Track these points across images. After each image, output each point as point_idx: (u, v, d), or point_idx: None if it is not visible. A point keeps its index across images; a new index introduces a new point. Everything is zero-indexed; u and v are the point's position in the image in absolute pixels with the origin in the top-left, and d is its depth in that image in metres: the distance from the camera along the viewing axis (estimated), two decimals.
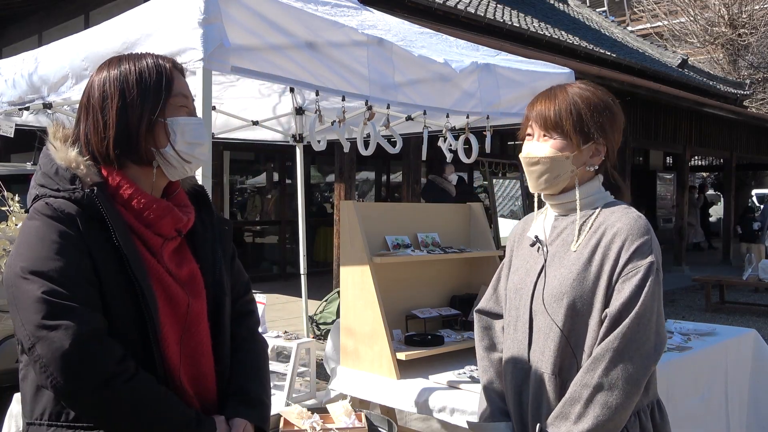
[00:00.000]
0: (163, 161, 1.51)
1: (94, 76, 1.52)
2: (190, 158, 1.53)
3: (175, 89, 1.52)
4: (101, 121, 1.47)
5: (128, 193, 1.48)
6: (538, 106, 1.76)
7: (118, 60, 1.53)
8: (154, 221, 1.49)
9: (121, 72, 1.49)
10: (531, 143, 1.77)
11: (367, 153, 3.62)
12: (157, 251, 1.50)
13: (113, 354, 1.35)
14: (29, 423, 1.46)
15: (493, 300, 1.98)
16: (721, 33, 22.05)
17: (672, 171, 19.00)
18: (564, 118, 1.70)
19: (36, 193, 1.46)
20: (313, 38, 2.67)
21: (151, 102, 1.48)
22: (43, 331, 1.31)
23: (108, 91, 1.48)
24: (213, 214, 1.69)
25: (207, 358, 1.55)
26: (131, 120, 1.47)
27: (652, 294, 1.60)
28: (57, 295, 1.32)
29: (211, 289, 1.58)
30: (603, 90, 1.79)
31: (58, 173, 1.45)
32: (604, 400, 1.57)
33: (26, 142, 6.15)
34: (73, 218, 1.40)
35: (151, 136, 1.48)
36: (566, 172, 1.72)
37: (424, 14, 9.63)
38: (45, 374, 1.32)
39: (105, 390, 1.33)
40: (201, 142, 1.55)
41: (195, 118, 1.56)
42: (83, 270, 1.37)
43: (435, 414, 2.68)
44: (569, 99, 1.73)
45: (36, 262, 1.35)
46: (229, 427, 1.52)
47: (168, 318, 1.47)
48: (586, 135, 1.71)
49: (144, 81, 1.48)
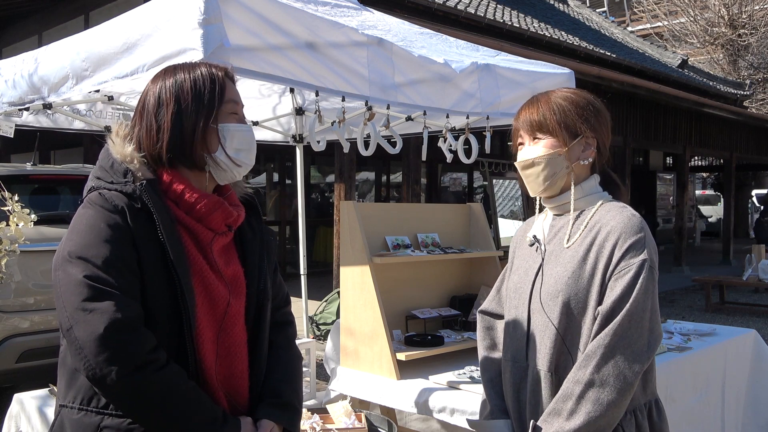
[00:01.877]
0: (214, 165, 1.57)
1: (150, 84, 1.59)
2: (241, 162, 1.59)
3: (226, 96, 1.58)
4: (155, 125, 1.53)
5: (180, 189, 1.53)
6: (522, 115, 1.81)
7: (174, 69, 1.59)
8: (205, 215, 1.54)
9: (176, 80, 1.56)
10: (523, 149, 1.81)
11: (367, 153, 3.62)
12: (206, 246, 1.55)
13: (146, 343, 1.39)
14: (62, 405, 1.50)
15: (495, 301, 2.00)
16: (721, 33, 22.06)
17: (672, 171, 19.01)
18: (548, 118, 1.75)
19: (92, 184, 1.53)
20: (313, 39, 2.67)
21: (206, 109, 1.54)
22: (81, 314, 1.36)
23: (164, 97, 1.54)
24: (261, 222, 1.75)
25: (241, 359, 1.59)
26: (185, 125, 1.53)
27: (645, 291, 1.61)
28: (98, 280, 1.37)
29: (254, 295, 1.62)
30: (585, 92, 1.84)
31: (113, 167, 1.52)
32: (595, 397, 1.58)
33: (26, 143, 6.16)
34: (122, 210, 1.45)
35: (204, 142, 1.55)
36: (562, 169, 1.75)
37: (424, 14, 9.64)
38: (79, 356, 1.37)
39: (134, 377, 1.36)
40: (249, 148, 1.61)
41: (244, 125, 1.62)
42: (127, 259, 1.42)
43: (435, 414, 2.68)
44: (551, 101, 1.78)
45: (82, 248, 1.41)
46: (255, 428, 1.55)
47: (205, 316, 1.51)
48: (573, 131, 1.75)
49: (198, 89, 1.55)
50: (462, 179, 16.10)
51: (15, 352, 4.54)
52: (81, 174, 5.30)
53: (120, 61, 2.59)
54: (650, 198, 18.26)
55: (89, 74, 2.74)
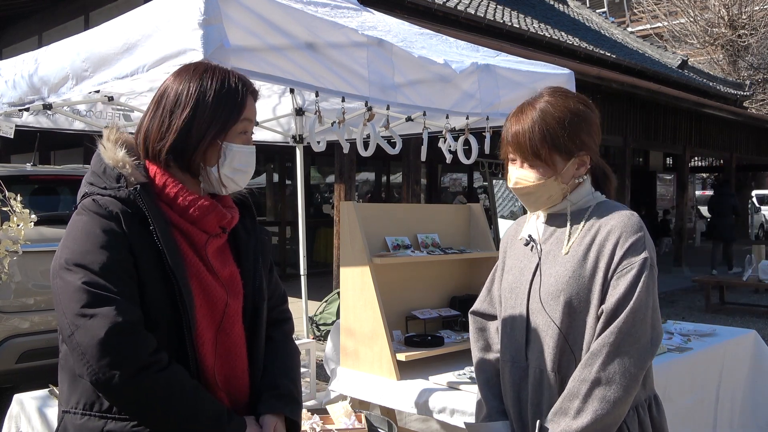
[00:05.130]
0: (205, 177, 1.57)
1: (174, 79, 1.56)
2: (229, 183, 1.58)
3: (243, 115, 1.56)
4: (167, 123, 1.52)
5: (174, 192, 1.53)
6: (513, 133, 1.75)
7: (203, 71, 1.56)
8: (198, 218, 1.54)
9: (201, 86, 1.53)
10: (516, 170, 1.78)
11: (366, 154, 3.62)
12: (201, 248, 1.54)
13: (147, 345, 1.39)
14: (65, 411, 1.50)
15: (487, 301, 2.00)
16: (721, 34, 22.07)
17: (672, 172, 19.00)
18: (540, 147, 1.71)
19: (85, 190, 1.53)
20: (313, 39, 2.67)
21: (219, 124, 1.53)
22: (82, 320, 1.36)
23: (183, 99, 1.52)
24: (256, 222, 1.74)
25: (241, 359, 1.59)
26: (194, 133, 1.51)
27: (647, 289, 1.62)
28: (97, 286, 1.38)
29: (250, 295, 1.62)
30: (572, 96, 1.78)
31: (105, 172, 1.51)
32: (602, 395, 1.59)
33: (26, 143, 6.16)
34: (116, 215, 1.45)
35: (204, 154, 1.53)
36: (557, 192, 1.76)
37: (424, 15, 9.64)
38: (82, 362, 1.37)
39: (138, 379, 1.37)
40: (246, 170, 1.60)
41: (248, 146, 1.60)
42: (124, 264, 1.42)
43: (435, 415, 2.68)
44: (540, 121, 1.71)
45: (79, 255, 1.41)
46: (260, 426, 1.55)
47: (204, 317, 1.51)
48: (567, 154, 1.73)
49: (219, 102, 1.53)
50: (462, 180, 16.11)
51: (15, 353, 4.54)
52: (81, 174, 5.26)
53: (120, 62, 2.59)
54: (650, 198, 18.25)
55: (89, 75, 2.74)
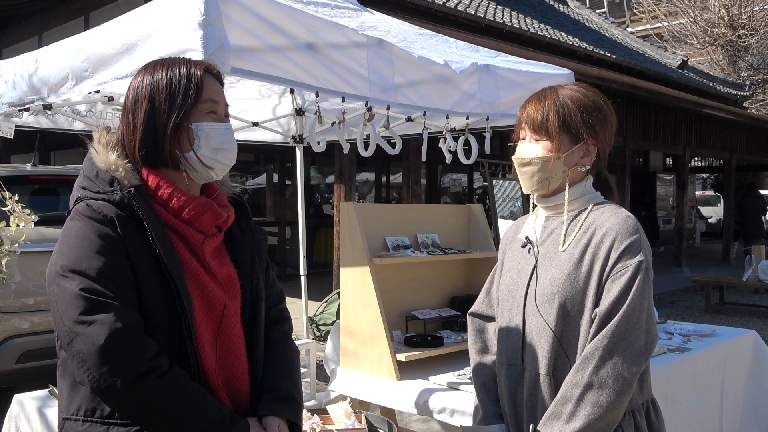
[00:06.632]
0: (188, 165, 1.55)
1: (132, 81, 1.57)
2: (213, 163, 1.56)
3: (204, 95, 1.55)
4: (132, 123, 1.53)
5: (168, 193, 1.52)
6: (528, 108, 1.78)
7: (153, 66, 1.58)
8: (194, 218, 1.53)
9: (153, 78, 1.54)
10: (523, 145, 1.79)
11: (366, 154, 3.62)
12: (197, 249, 1.53)
13: (148, 350, 1.38)
14: (65, 418, 1.49)
15: (485, 303, 1.99)
16: (721, 34, 22.07)
17: (672, 172, 19.01)
18: (552, 121, 1.72)
19: (78, 195, 1.51)
20: (313, 39, 2.67)
21: (178, 108, 1.52)
22: (80, 327, 1.35)
23: (140, 95, 1.53)
24: (251, 222, 1.74)
25: (240, 360, 1.58)
26: (157, 123, 1.51)
27: (641, 292, 1.60)
28: (94, 292, 1.36)
29: (248, 295, 1.62)
30: (595, 91, 1.80)
31: (98, 176, 1.50)
32: (594, 399, 1.57)
33: (26, 144, 6.17)
34: (111, 219, 1.44)
35: (176, 141, 1.53)
36: (557, 173, 1.74)
37: (423, 15, 9.64)
38: (82, 369, 1.36)
39: (139, 385, 1.36)
40: (226, 147, 1.58)
41: (222, 123, 1.59)
42: (121, 269, 1.41)
43: (435, 415, 2.68)
44: (558, 101, 1.74)
45: (75, 261, 1.39)
46: (263, 428, 1.54)
47: (204, 319, 1.50)
48: (575, 136, 1.73)
49: (173, 87, 1.52)
50: (462, 180, 16.11)
51: (15, 353, 4.54)
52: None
53: (120, 62, 2.59)
54: (650, 199, 18.25)
55: (89, 75, 2.73)
